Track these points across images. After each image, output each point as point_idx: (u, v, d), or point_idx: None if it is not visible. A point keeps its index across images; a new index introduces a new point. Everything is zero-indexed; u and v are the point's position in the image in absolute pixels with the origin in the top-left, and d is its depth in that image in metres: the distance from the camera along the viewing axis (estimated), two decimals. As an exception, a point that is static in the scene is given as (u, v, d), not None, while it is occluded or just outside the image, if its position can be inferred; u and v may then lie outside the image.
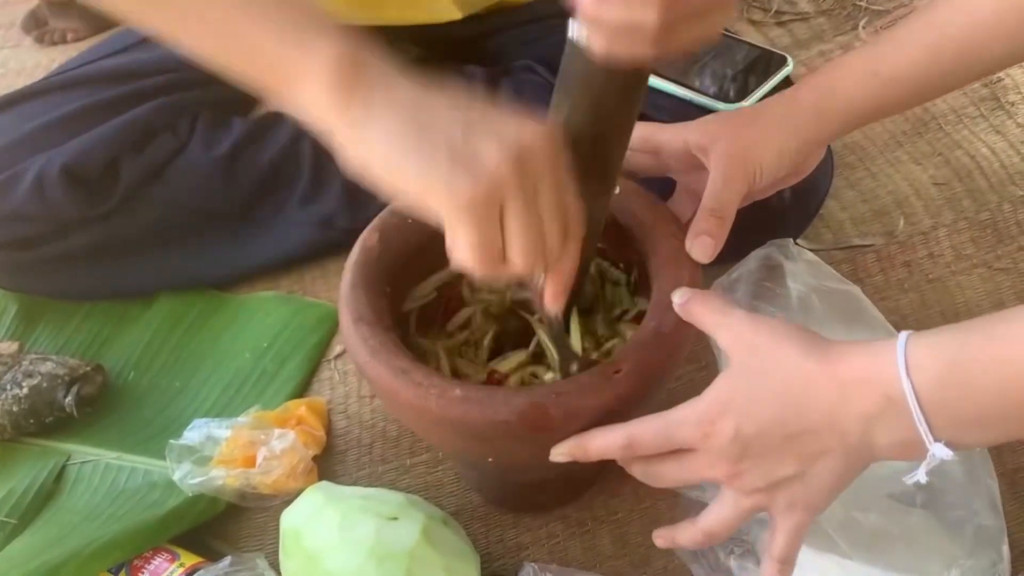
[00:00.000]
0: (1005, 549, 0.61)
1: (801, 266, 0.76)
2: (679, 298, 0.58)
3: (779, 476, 0.51)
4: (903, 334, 0.47)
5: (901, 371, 0.45)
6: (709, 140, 0.64)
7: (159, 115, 0.93)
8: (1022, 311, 0.44)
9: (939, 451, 0.46)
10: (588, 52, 0.50)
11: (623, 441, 0.55)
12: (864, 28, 1.15)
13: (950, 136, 1.01)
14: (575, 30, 0.51)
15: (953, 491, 0.63)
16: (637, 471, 0.58)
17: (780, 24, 1.19)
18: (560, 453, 0.57)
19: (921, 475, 0.48)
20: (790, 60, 0.89)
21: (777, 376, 0.50)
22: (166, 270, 0.95)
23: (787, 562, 0.54)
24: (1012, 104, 1.03)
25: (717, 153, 0.64)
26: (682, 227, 0.64)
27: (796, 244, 0.79)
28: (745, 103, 0.84)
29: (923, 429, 0.45)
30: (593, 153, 0.56)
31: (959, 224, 0.93)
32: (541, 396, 0.56)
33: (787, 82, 0.89)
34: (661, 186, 0.70)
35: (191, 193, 0.92)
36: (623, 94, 0.55)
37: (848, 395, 0.48)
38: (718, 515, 0.55)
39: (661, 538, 0.59)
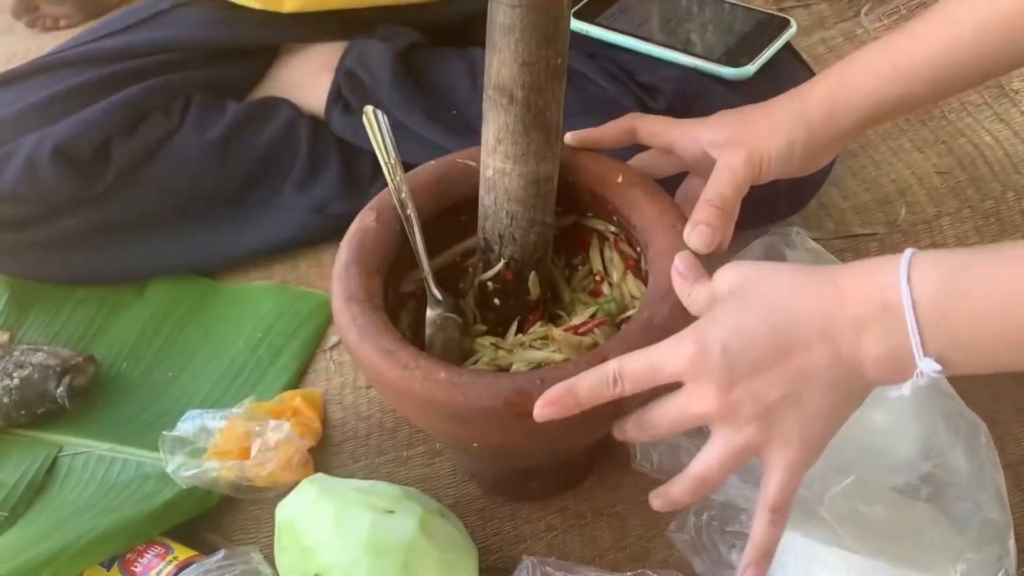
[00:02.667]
0: (1011, 543, 0.60)
1: (803, 255, 0.75)
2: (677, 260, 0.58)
3: (771, 399, 0.49)
4: (909, 250, 0.46)
5: (902, 278, 0.45)
6: (721, 137, 0.64)
7: (152, 95, 0.92)
8: None
9: (927, 366, 0.45)
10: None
11: (612, 374, 0.53)
12: (866, 15, 1.14)
13: (953, 124, 1.00)
14: None
15: (958, 484, 0.62)
16: (631, 428, 0.56)
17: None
18: (548, 402, 0.54)
19: (906, 389, 0.47)
20: (793, 23, 0.88)
21: (767, 289, 0.50)
22: (159, 254, 0.94)
23: (779, 511, 0.51)
24: (1016, 92, 1.02)
25: (724, 146, 0.64)
26: (683, 218, 0.63)
27: (798, 232, 0.78)
28: (751, 67, 0.83)
29: (915, 339, 0.44)
30: (528, 104, 0.59)
31: (962, 213, 0.92)
32: (525, 382, 0.56)
33: (789, 46, 0.88)
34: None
35: (184, 176, 0.91)
36: (544, 36, 0.57)
37: (844, 298, 0.47)
38: (708, 457, 0.52)
39: (658, 499, 0.57)
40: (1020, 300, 0.43)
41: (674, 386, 0.53)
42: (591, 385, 0.54)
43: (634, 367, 0.53)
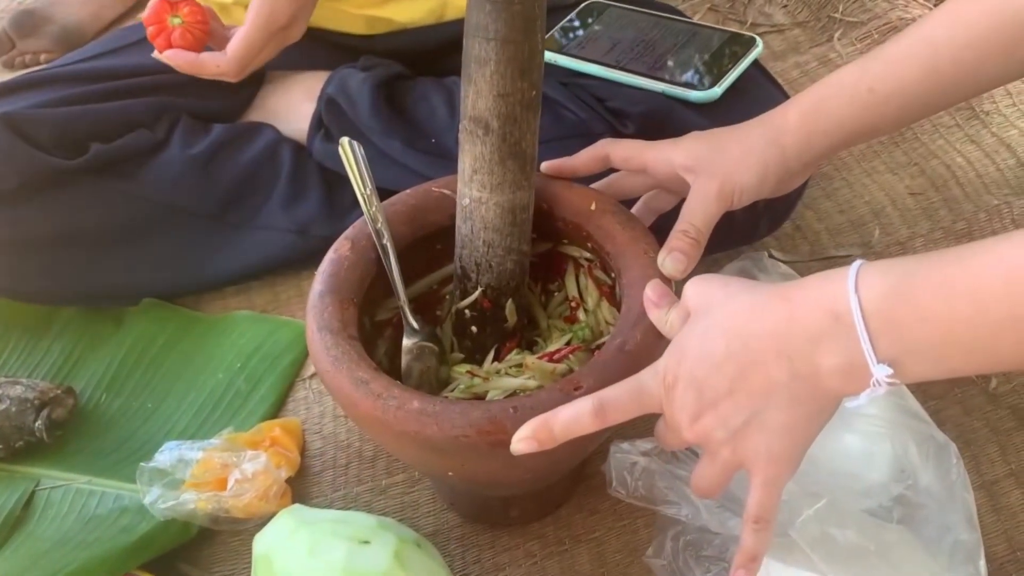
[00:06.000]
0: (982, 564, 0.60)
1: (776, 279, 0.76)
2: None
3: (737, 423, 0.51)
4: (858, 260, 0.47)
5: (850, 287, 0.45)
6: (693, 161, 0.65)
7: (138, 111, 0.92)
8: (975, 244, 0.44)
9: (881, 372, 0.45)
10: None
11: (593, 407, 0.54)
12: (839, 40, 1.15)
13: (926, 146, 1.01)
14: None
15: (930, 506, 0.63)
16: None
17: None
18: (522, 439, 0.55)
19: (863, 400, 0.47)
20: (759, 41, 0.88)
21: (728, 313, 0.51)
22: (141, 272, 0.94)
23: (760, 521, 0.53)
24: (987, 114, 1.03)
25: (697, 175, 0.64)
26: (655, 245, 0.64)
27: (771, 257, 0.79)
28: (717, 89, 0.83)
29: (867, 347, 0.45)
30: (504, 135, 0.60)
31: (935, 234, 0.93)
32: (498, 411, 0.56)
33: (757, 64, 0.88)
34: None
35: (164, 188, 0.91)
36: (519, 68, 0.58)
37: (796, 313, 0.47)
38: (700, 473, 0.56)
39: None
40: (961, 299, 0.43)
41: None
42: (567, 419, 0.54)
43: (616, 399, 0.54)
